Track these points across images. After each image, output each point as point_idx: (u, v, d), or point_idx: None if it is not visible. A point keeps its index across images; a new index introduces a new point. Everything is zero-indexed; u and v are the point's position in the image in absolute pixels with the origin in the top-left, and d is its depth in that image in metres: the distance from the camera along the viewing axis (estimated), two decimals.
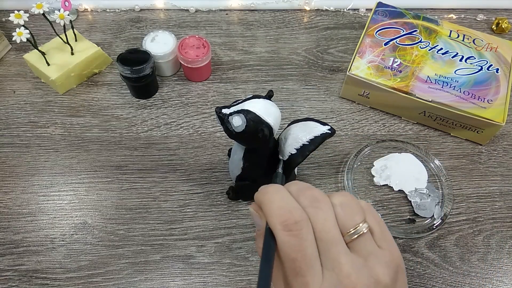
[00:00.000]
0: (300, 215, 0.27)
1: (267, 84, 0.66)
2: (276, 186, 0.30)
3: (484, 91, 0.59)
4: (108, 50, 0.68)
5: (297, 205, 0.28)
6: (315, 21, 0.74)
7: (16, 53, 0.68)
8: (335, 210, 0.28)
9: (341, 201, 0.29)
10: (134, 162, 0.57)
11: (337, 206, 0.28)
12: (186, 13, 0.74)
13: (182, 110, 0.62)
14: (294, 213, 0.27)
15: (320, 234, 0.27)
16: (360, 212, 0.29)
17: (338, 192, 0.30)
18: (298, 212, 0.27)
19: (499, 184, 0.58)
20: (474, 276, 0.51)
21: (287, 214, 0.27)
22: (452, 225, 0.54)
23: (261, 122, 0.41)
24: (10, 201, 0.54)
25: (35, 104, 0.62)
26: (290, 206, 0.28)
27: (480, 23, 0.75)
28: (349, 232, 0.28)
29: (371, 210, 0.30)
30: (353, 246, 0.28)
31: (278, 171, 0.44)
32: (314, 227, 0.27)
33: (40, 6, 0.56)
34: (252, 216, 0.31)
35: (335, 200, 0.29)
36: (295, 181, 0.31)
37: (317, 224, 0.27)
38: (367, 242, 0.28)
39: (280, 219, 0.27)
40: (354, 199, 0.30)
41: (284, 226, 0.27)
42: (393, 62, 0.61)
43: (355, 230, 0.28)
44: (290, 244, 0.27)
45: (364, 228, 0.28)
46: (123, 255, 0.51)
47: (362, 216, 0.29)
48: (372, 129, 0.62)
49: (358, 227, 0.28)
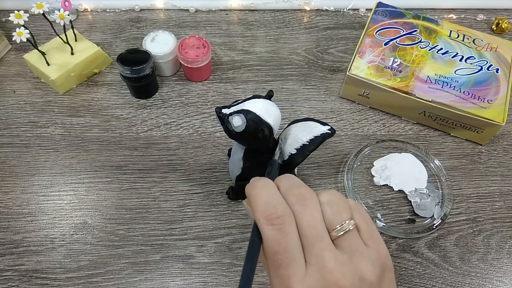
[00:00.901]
0: (284, 210, 0.28)
1: (267, 84, 0.66)
2: (264, 180, 0.30)
3: (484, 91, 0.59)
4: (108, 50, 0.68)
5: (282, 200, 0.29)
6: (315, 21, 0.74)
7: (16, 53, 0.68)
8: (322, 207, 0.29)
9: (329, 199, 0.29)
10: (134, 162, 0.58)
11: (325, 204, 0.29)
12: (186, 13, 0.74)
13: (182, 110, 0.62)
14: (278, 207, 0.28)
15: (305, 230, 0.28)
16: (347, 210, 0.29)
17: (326, 190, 0.30)
18: (282, 207, 0.28)
19: (499, 184, 0.58)
20: (474, 276, 0.51)
21: (271, 209, 0.28)
22: (452, 225, 0.54)
23: (261, 122, 0.41)
24: (10, 201, 0.54)
25: (35, 104, 0.62)
26: (275, 202, 0.28)
27: (480, 23, 0.75)
28: (335, 229, 0.28)
29: (359, 208, 0.30)
30: (339, 243, 0.28)
31: (274, 159, 0.42)
32: (299, 224, 0.28)
33: (40, 6, 0.56)
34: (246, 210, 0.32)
35: (322, 198, 0.29)
36: (286, 176, 0.31)
37: (302, 220, 0.28)
38: (353, 239, 0.28)
39: (264, 213, 0.28)
40: (342, 197, 0.30)
41: (268, 220, 0.28)
42: (393, 62, 0.61)
43: (341, 227, 0.28)
44: (272, 237, 0.27)
45: (351, 225, 0.28)
46: (123, 255, 0.51)
47: (349, 214, 0.29)
48: (372, 129, 0.62)
49: (344, 224, 0.28)
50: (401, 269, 0.51)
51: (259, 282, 0.50)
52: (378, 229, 0.53)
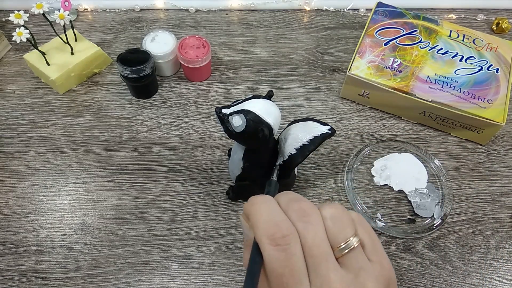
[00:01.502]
0: (288, 228, 0.26)
1: (267, 84, 0.66)
2: (264, 197, 0.29)
3: (484, 91, 0.59)
4: (108, 50, 0.68)
5: (285, 217, 0.27)
6: (315, 21, 0.74)
7: (16, 53, 0.68)
8: (325, 223, 0.27)
9: (332, 213, 0.28)
10: (134, 162, 0.58)
11: (327, 219, 0.27)
12: (186, 13, 0.74)
13: (182, 110, 0.62)
14: (281, 226, 0.26)
15: (310, 249, 0.26)
16: (351, 225, 0.28)
17: (328, 204, 0.29)
18: (285, 225, 0.27)
19: (499, 184, 0.58)
20: (474, 276, 0.51)
21: (274, 227, 0.26)
22: (452, 225, 0.54)
23: (261, 122, 0.40)
24: (10, 201, 0.54)
25: (35, 104, 0.62)
26: (277, 219, 0.27)
27: (480, 23, 0.75)
28: (340, 247, 0.27)
29: (362, 221, 0.29)
30: (343, 261, 0.27)
31: (272, 179, 0.42)
32: (304, 242, 0.26)
33: (40, 6, 0.56)
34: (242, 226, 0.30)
35: (325, 213, 0.28)
36: (286, 192, 0.30)
37: (306, 239, 0.26)
38: (358, 256, 0.27)
39: (267, 232, 0.26)
40: (345, 210, 0.29)
41: (271, 240, 0.26)
42: (393, 62, 0.61)
43: (346, 244, 0.27)
44: (277, 259, 0.26)
45: (355, 242, 0.27)
46: (123, 255, 0.51)
47: (352, 229, 0.28)
48: (372, 129, 0.62)
49: (348, 241, 0.27)
50: (401, 269, 0.51)
51: None
52: (378, 229, 0.53)
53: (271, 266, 0.26)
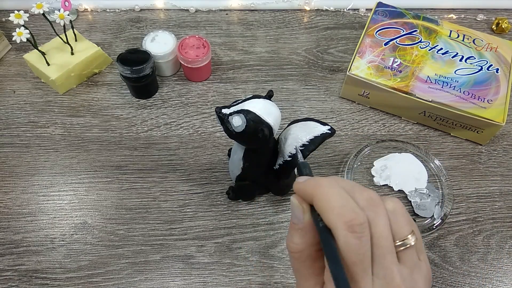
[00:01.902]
0: (363, 216, 0.26)
1: (267, 84, 0.66)
2: (330, 179, 0.28)
3: (484, 91, 0.59)
4: (108, 50, 0.68)
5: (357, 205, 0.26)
6: (315, 21, 0.74)
7: (16, 53, 0.68)
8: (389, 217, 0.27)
9: (394, 208, 0.28)
10: (134, 162, 0.58)
11: (390, 213, 0.27)
12: (186, 13, 0.74)
13: (182, 110, 0.62)
14: (358, 213, 0.26)
15: (378, 240, 0.26)
16: (410, 222, 0.28)
17: (390, 198, 0.28)
18: (361, 213, 0.26)
19: (499, 184, 0.58)
20: (474, 276, 0.51)
21: (352, 213, 0.25)
22: (452, 225, 0.54)
23: (261, 122, 0.41)
24: (10, 201, 0.54)
25: (35, 104, 0.62)
26: (352, 206, 0.26)
27: (480, 23, 0.75)
28: (399, 242, 0.27)
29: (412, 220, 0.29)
30: (401, 256, 0.27)
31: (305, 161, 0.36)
32: (373, 232, 0.26)
33: (40, 6, 0.56)
34: (293, 208, 0.29)
35: (388, 206, 0.28)
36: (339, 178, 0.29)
37: (376, 228, 0.26)
38: (413, 254, 0.27)
39: (344, 218, 0.25)
40: (404, 207, 0.28)
41: (348, 227, 0.25)
42: (393, 62, 0.61)
43: (404, 241, 0.27)
44: (353, 247, 0.25)
45: (413, 240, 0.27)
46: (123, 255, 0.51)
47: (411, 227, 0.28)
48: (372, 129, 0.62)
49: (407, 239, 0.27)
50: None
51: (259, 282, 0.50)
52: None
53: (346, 253, 0.25)
